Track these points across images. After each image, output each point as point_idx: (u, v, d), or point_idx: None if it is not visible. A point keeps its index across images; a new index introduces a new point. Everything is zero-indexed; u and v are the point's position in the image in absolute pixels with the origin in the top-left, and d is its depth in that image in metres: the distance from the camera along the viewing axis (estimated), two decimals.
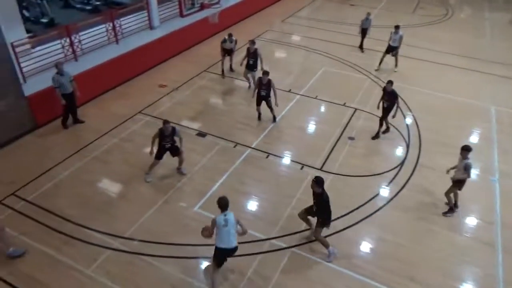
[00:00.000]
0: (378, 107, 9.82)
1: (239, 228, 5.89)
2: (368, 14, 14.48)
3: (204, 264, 6.58)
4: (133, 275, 6.30)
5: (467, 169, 7.22)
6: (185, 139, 9.55)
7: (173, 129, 7.76)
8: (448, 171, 7.75)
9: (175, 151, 8.11)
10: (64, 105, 9.49)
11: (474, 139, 10.17)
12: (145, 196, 7.86)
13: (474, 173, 8.92)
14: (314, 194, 6.38)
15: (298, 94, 11.83)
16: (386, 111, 9.65)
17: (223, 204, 5.74)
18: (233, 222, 5.75)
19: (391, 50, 13.09)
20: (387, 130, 10.05)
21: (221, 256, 5.91)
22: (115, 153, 9.04)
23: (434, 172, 8.70)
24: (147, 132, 9.79)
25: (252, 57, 11.29)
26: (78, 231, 7.02)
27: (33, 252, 6.61)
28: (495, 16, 20.44)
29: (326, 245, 6.72)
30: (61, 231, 7.00)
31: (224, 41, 12.23)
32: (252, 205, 7.84)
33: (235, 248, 5.84)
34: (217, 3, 15.87)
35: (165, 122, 7.69)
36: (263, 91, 9.82)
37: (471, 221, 7.68)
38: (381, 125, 9.84)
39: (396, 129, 10.29)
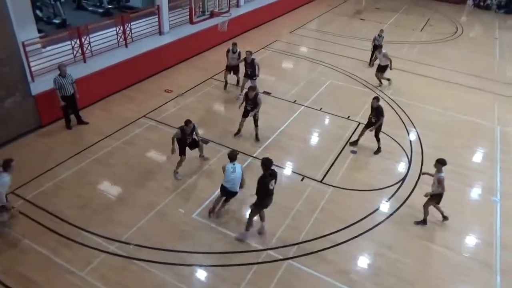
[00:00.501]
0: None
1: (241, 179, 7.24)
2: (381, 31, 14.50)
3: (199, 271, 6.56)
4: (127, 280, 6.28)
5: (440, 182, 7.28)
6: None
7: (193, 126, 8.28)
8: (423, 173, 8.18)
9: (195, 145, 8.66)
10: (63, 107, 9.58)
11: (477, 158, 10.10)
12: (144, 201, 7.86)
13: (476, 192, 8.88)
14: None
15: (302, 105, 11.83)
16: (373, 125, 9.59)
17: (232, 156, 7.26)
18: (239, 172, 7.18)
19: (381, 69, 13.05)
20: (357, 141, 10.03)
21: (224, 192, 7.34)
22: (117, 156, 9.09)
23: None
24: (150, 136, 9.87)
25: (250, 67, 11.39)
26: (75, 232, 7.03)
27: (29, 252, 6.62)
28: (505, 36, 20.38)
29: (247, 228, 7.12)
30: (58, 232, 7.01)
31: (228, 51, 12.09)
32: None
33: (236, 193, 7.34)
34: (227, 12, 16.02)
35: (188, 122, 8.12)
36: (249, 105, 9.63)
37: (471, 240, 7.59)
38: (378, 139, 9.75)
39: (399, 144, 10.24)
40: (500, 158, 10.01)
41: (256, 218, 7.19)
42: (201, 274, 6.55)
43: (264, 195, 6.81)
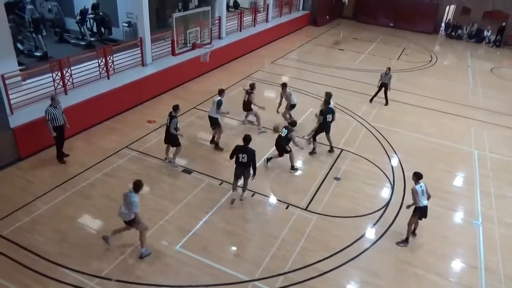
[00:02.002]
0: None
1: None
2: (388, 69, 14.12)
3: None
4: None
5: (412, 194, 7.57)
6: (170, 176, 9.55)
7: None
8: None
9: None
10: (54, 138, 9.43)
11: (457, 182, 10.28)
12: (125, 234, 7.60)
13: (458, 216, 8.98)
14: None
15: None
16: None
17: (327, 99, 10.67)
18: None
19: (289, 107, 12.26)
20: (313, 151, 10.96)
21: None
22: (98, 188, 8.89)
23: None
24: (132, 167, 9.73)
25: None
26: (52, 269, 6.74)
27: None
28: (477, 64, 21.31)
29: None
30: (34, 269, 6.71)
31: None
32: (236, 245, 7.66)
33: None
34: (209, 43, 16.32)
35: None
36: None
37: (456, 265, 7.59)
38: (314, 139, 10.92)
39: (381, 170, 10.37)
40: (479, 182, 10.21)
41: None
42: None
43: (236, 164, 8.46)
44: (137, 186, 6.77)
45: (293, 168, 10.12)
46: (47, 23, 15.90)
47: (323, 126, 10.63)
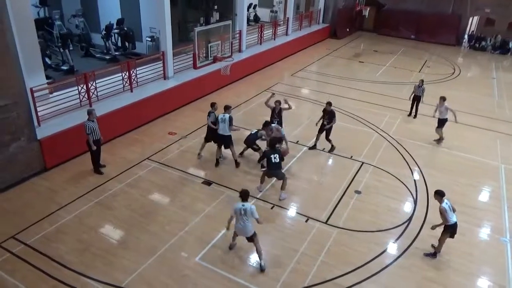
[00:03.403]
0: (316, 124, 11.45)
1: None
2: (421, 81, 14.15)
3: None
4: None
5: (440, 213, 7.41)
6: (190, 187, 9.63)
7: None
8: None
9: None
10: (93, 151, 9.70)
11: (483, 197, 9.96)
12: (145, 244, 7.72)
13: (484, 233, 8.68)
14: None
15: (305, 145, 11.89)
16: (327, 130, 11.25)
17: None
18: None
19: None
20: (332, 148, 11.52)
21: None
22: (119, 199, 9.04)
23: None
24: (153, 179, 9.86)
25: (277, 116, 11.13)
26: (74, 278, 6.85)
27: None
28: (503, 76, 20.80)
29: (261, 182, 9.52)
30: (56, 277, 6.83)
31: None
32: (254, 258, 7.61)
33: None
34: (230, 56, 16.54)
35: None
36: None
37: (483, 283, 7.31)
38: (329, 140, 11.37)
39: (404, 184, 10.17)
40: (506, 197, 9.87)
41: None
42: None
43: (269, 165, 9.07)
44: (247, 195, 7.01)
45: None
46: (74, 38, 16.46)
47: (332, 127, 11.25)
